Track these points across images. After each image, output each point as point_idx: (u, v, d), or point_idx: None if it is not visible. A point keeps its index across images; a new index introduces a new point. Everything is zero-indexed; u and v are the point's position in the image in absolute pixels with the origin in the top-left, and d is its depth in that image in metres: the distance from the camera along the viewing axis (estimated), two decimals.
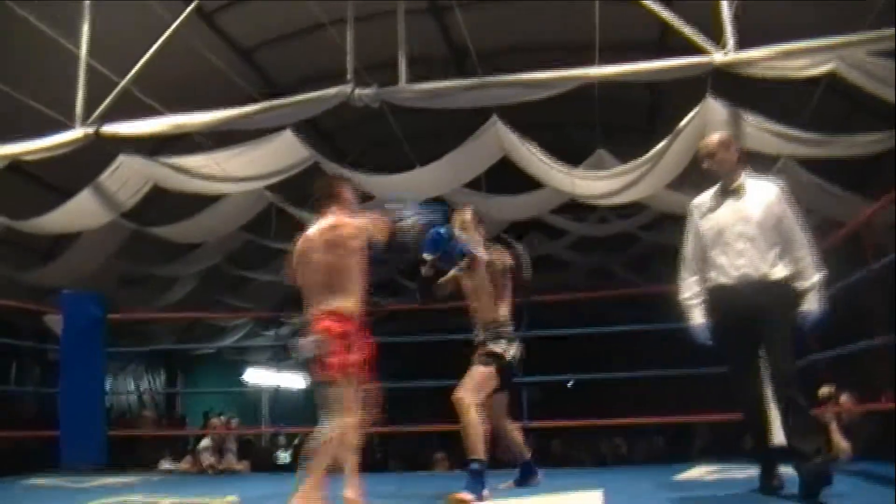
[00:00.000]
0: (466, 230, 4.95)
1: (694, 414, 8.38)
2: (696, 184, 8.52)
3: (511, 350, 4.83)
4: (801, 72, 6.07)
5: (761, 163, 7.57)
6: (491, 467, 4.56)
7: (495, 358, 4.75)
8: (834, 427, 6.63)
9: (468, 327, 5.05)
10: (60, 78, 6.87)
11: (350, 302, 4.02)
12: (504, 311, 4.93)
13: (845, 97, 7.40)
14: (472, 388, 4.62)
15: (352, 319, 4.01)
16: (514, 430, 5.22)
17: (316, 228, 4.18)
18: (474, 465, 4.45)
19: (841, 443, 6.52)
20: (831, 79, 6.40)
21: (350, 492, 3.95)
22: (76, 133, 6.70)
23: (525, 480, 5.24)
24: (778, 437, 4.50)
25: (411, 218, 4.43)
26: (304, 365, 4.08)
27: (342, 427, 3.85)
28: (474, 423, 4.51)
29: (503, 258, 4.96)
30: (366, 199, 5.73)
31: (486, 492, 4.48)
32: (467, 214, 5.09)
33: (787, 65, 6.00)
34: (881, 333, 4.88)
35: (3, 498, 5.59)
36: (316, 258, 4.09)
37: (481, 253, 4.85)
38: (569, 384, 16.27)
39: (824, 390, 6.89)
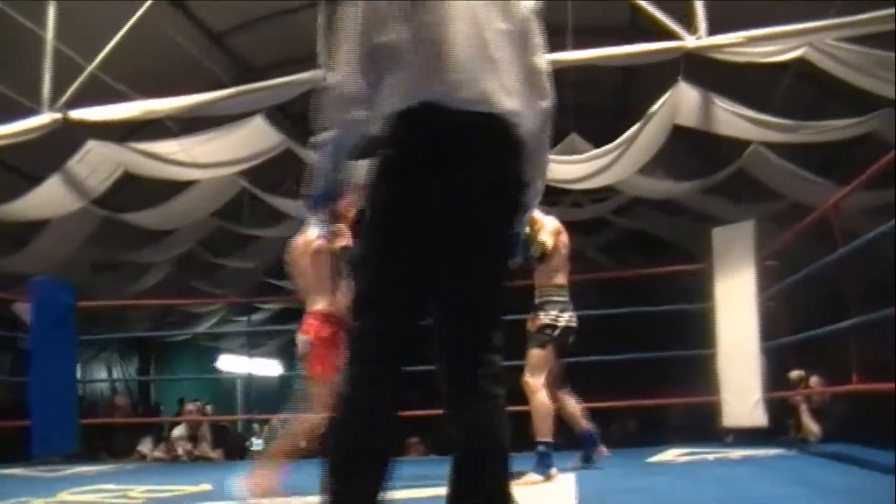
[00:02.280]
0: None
1: (666, 397, 8.46)
2: (668, 168, 8.64)
3: (562, 319, 4.88)
4: (772, 57, 6.12)
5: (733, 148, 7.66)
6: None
7: (547, 331, 4.82)
8: (804, 409, 6.72)
9: None
10: (27, 62, 6.77)
11: (338, 302, 4.00)
12: (560, 279, 5.00)
13: (815, 83, 7.45)
14: (535, 370, 4.73)
15: (339, 320, 3.96)
16: (570, 403, 5.25)
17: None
18: (542, 447, 4.59)
19: (811, 425, 6.61)
20: (801, 65, 6.45)
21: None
22: (43, 118, 6.62)
23: (589, 454, 5.24)
24: None
25: None
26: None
27: (313, 422, 3.88)
28: (542, 404, 4.67)
29: (553, 232, 4.98)
30: None
31: (553, 470, 4.59)
32: None
33: (757, 50, 6.05)
34: (851, 316, 4.92)
35: None
36: (304, 260, 4.07)
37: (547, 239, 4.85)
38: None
39: (794, 374, 6.98)
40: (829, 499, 3.44)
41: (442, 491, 2.02)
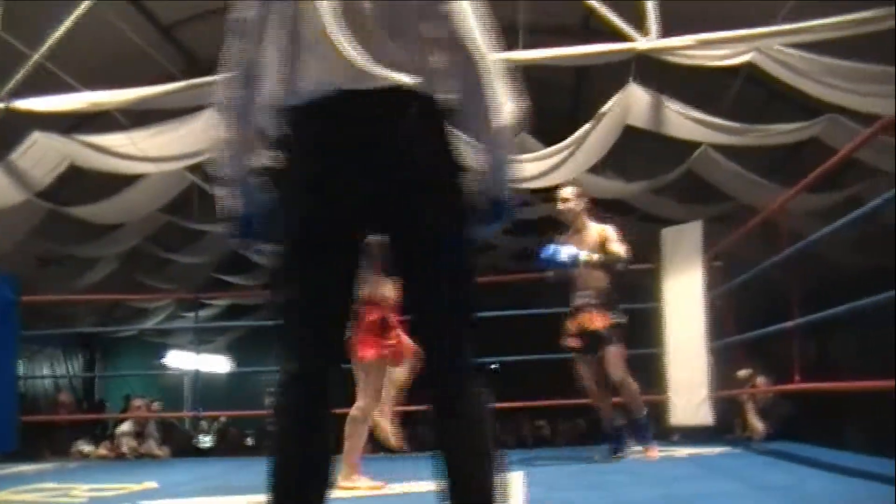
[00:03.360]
0: (567, 213, 5.47)
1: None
2: (618, 168, 8.72)
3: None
4: (722, 61, 6.21)
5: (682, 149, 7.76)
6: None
7: (620, 329, 5.35)
8: (750, 408, 6.83)
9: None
10: None
11: (385, 288, 4.17)
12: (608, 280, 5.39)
13: (763, 87, 7.57)
14: (620, 364, 5.32)
15: (384, 306, 4.23)
16: (606, 397, 5.57)
17: None
18: (643, 420, 5.46)
19: (756, 424, 6.72)
20: (751, 69, 6.55)
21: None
22: None
23: (619, 448, 5.52)
24: None
25: None
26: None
27: (363, 408, 4.21)
28: (633, 389, 5.39)
29: (606, 237, 5.34)
30: None
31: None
32: (565, 192, 5.54)
33: (707, 54, 6.14)
34: (794, 317, 5.01)
35: None
36: None
37: (582, 252, 5.20)
38: (493, 367, 16.41)
39: (742, 372, 7.09)
40: (772, 496, 3.49)
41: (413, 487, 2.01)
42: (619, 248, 5.27)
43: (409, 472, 4.38)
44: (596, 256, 5.20)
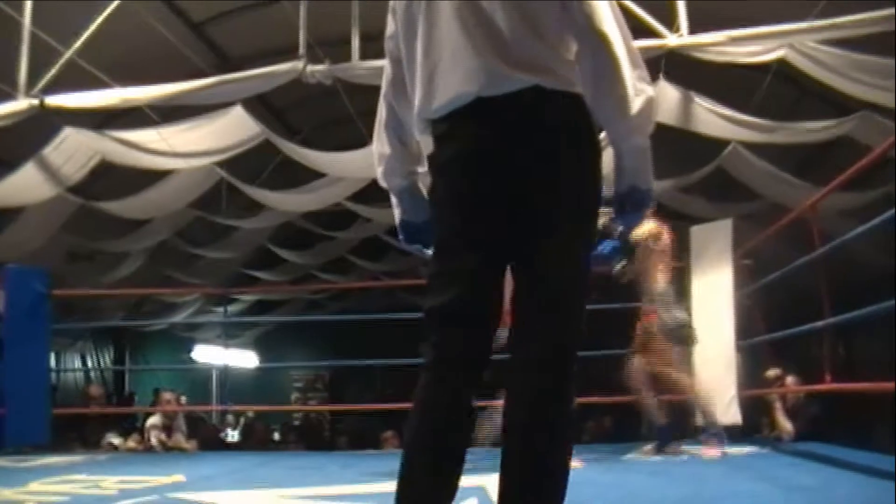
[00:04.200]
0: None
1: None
2: None
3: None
4: (752, 58, 6.15)
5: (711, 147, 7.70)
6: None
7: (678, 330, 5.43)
8: (778, 408, 6.77)
9: (417, 307, 5.08)
10: (3, 47, 6.69)
11: None
12: (663, 282, 5.45)
13: (794, 84, 7.50)
14: (676, 368, 5.50)
15: None
16: (650, 396, 5.66)
17: None
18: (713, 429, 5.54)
19: (785, 423, 6.66)
20: (781, 66, 6.49)
21: None
22: (19, 104, 6.54)
23: (664, 446, 5.61)
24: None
25: None
26: None
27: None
28: (689, 391, 5.59)
29: (654, 235, 5.39)
30: None
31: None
32: None
33: (738, 50, 6.08)
34: (825, 317, 4.96)
35: None
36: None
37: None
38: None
39: (771, 372, 7.03)
40: (799, 497, 3.46)
41: None
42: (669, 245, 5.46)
43: None
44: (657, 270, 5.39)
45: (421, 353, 1.96)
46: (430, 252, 2.11)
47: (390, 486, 1.89)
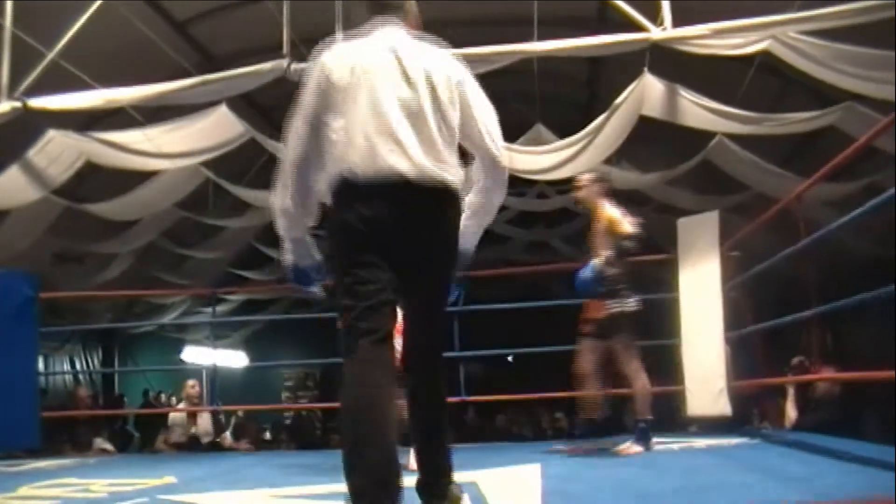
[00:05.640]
0: (582, 200, 5.50)
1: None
2: (633, 159, 8.69)
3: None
4: (736, 50, 6.17)
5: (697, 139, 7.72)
6: None
7: (627, 319, 5.20)
8: (790, 395, 6.75)
9: None
10: None
11: None
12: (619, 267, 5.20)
13: (779, 75, 7.52)
14: (628, 358, 5.23)
15: None
16: (596, 388, 5.49)
17: None
18: (643, 424, 5.24)
19: (790, 412, 6.66)
20: (765, 57, 6.51)
21: None
22: (2, 107, 6.52)
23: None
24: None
25: None
26: None
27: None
28: (641, 386, 5.24)
29: (612, 219, 5.24)
30: None
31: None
32: (580, 179, 5.55)
33: (722, 43, 6.09)
34: (812, 307, 4.98)
35: None
36: None
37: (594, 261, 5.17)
38: (508, 358, 16.43)
39: (795, 360, 7.05)
40: (789, 486, 3.48)
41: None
42: (625, 226, 5.15)
43: None
44: (605, 254, 5.14)
45: None
46: (314, 290, 2.91)
47: None
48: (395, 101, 2.61)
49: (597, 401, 5.52)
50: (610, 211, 5.29)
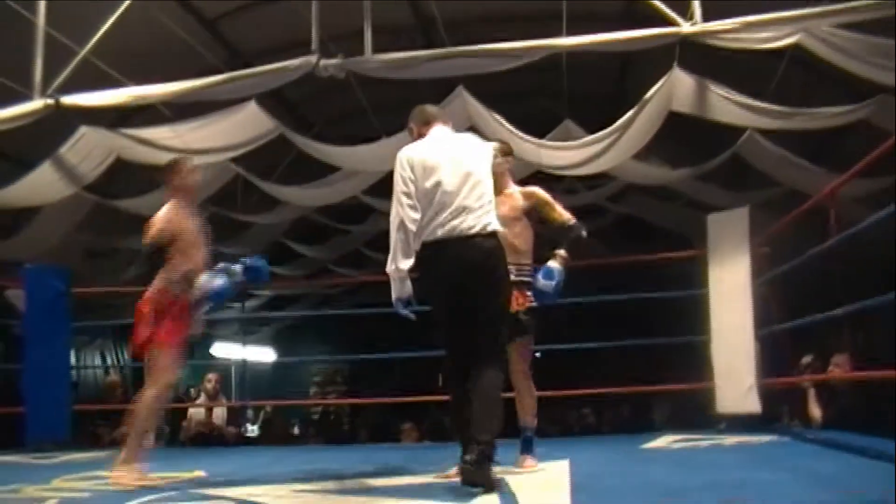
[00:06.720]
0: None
1: (660, 384, 8.46)
2: (662, 154, 8.63)
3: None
4: (767, 44, 6.10)
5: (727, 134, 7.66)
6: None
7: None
8: (811, 395, 6.67)
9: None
10: (18, 47, 6.72)
11: (163, 282, 4.69)
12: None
13: (810, 69, 7.43)
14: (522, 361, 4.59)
15: (161, 297, 4.65)
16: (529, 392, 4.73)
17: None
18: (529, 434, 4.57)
19: (815, 411, 6.58)
20: (796, 51, 6.43)
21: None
22: (35, 104, 6.56)
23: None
24: None
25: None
26: None
27: (148, 395, 4.52)
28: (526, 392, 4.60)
29: (543, 200, 4.61)
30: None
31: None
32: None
33: (753, 36, 6.02)
34: (844, 304, 4.93)
35: None
36: None
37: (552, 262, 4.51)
38: (536, 354, 16.37)
39: (805, 359, 6.97)
40: (818, 485, 3.45)
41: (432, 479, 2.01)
42: (564, 213, 4.58)
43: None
44: (561, 253, 4.51)
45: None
46: (410, 314, 3.95)
47: (408, 480, 1.90)
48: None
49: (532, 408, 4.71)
50: (532, 190, 4.70)
